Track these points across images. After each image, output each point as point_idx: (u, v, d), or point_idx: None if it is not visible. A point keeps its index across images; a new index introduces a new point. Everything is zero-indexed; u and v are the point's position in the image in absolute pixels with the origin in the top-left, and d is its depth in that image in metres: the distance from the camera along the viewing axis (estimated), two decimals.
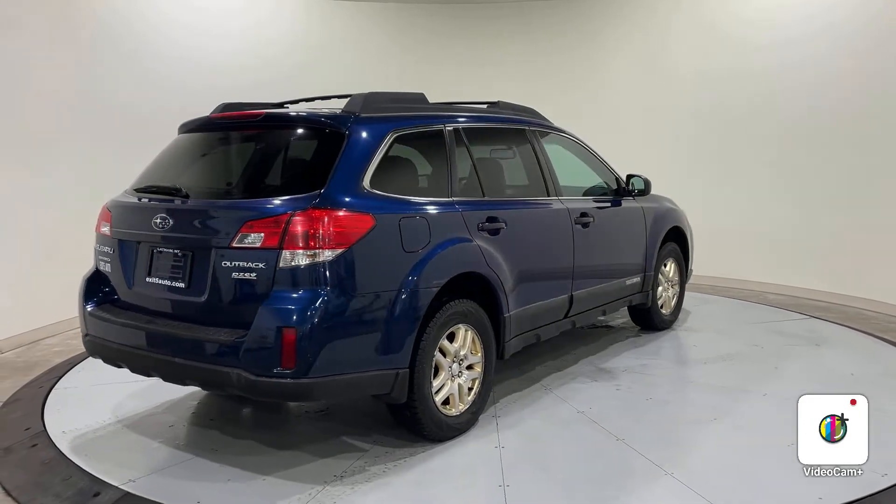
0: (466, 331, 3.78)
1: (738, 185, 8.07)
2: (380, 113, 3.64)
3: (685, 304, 6.77)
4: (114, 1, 6.60)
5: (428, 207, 3.64)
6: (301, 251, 3.07)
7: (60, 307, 3.93)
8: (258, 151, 3.74)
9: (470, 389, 3.84)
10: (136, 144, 4.08)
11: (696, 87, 8.30)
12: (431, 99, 4.98)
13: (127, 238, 3.63)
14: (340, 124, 3.44)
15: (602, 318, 6.34)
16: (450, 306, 3.62)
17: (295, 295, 3.06)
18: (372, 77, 8.31)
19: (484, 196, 4.06)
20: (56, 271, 4.26)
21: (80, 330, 3.87)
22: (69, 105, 6.13)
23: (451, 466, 3.44)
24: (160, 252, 3.47)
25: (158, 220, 3.42)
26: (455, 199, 3.81)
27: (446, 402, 3.70)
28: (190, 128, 3.90)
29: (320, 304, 3.06)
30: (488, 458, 3.50)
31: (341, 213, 3.16)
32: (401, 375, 3.35)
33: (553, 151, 4.99)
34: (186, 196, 3.48)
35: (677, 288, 6.15)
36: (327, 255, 3.10)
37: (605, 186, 5.34)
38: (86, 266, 3.93)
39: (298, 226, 3.07)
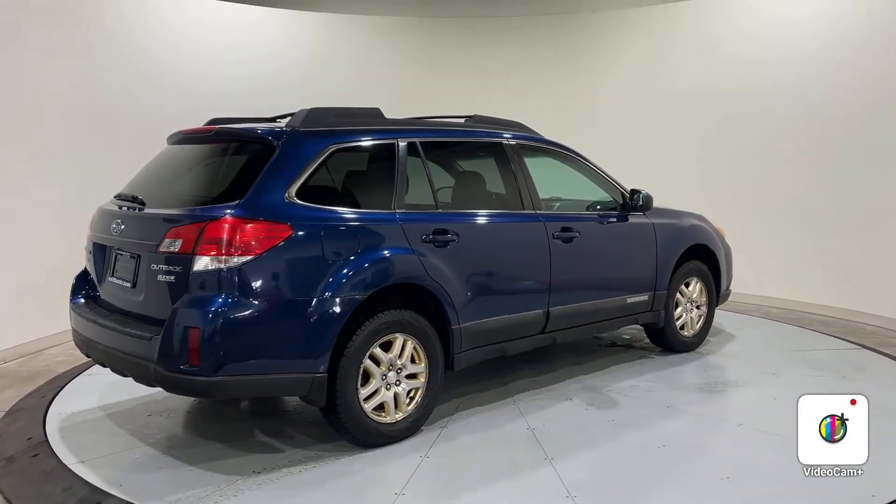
0: (405, 340, 3.83)
1: (738, 198, 7.87)
2: (322, 127, 3.79)
3: (728, 327, 6.43)
4: (124, 14, 6.96)
5: (360, 218, 3.73)
6: (212, 257, 3.27)
7: (63, 317, 4.28)
8: (208, 164, 4.00)
9: (412, 399, 3.90)
10: (141, 157, 4.43)
11: (696, 102, 8.15)
12: (427, 111, 5.11)
13: (99, 241, 4.01)
14: (274, 138, 3.63)
15: (627, 336, 6.20)
16: (382, 315, 3.70)
17: (203, 298, 3.27)
18: (376, 90, 8.49)
19: (437, 209, 4.10)
20: (59, 281, 4.51)
21: None
22: (77, 115, 6.32)
23: (364, 472, 3.50)
24: (119, 254, 3.81)
25: (114, 226, 3.77)
26: (398, 211, 3.88)
27: (382, 408, 3.78)
28: (171, 140, 4.25)
29: (226, 307, 3.24)
30: (405, 467, 3.53)
31: (254, 222, 3.34)
32: (317, 380, 3.47)
33: (544, 165, 4.92)
34: (143, 204, 3.80)
35: (704, 309, 5.83)
36: (238, 261, 3.28)
37: (610, 201, 5.18)
38: None
39: (210, 233, 3.28)
